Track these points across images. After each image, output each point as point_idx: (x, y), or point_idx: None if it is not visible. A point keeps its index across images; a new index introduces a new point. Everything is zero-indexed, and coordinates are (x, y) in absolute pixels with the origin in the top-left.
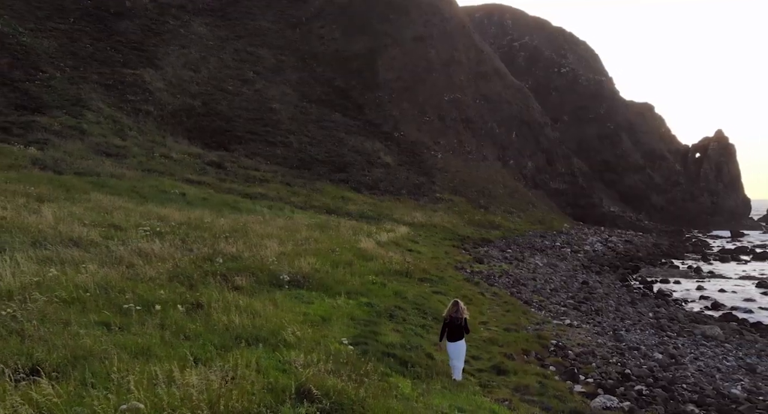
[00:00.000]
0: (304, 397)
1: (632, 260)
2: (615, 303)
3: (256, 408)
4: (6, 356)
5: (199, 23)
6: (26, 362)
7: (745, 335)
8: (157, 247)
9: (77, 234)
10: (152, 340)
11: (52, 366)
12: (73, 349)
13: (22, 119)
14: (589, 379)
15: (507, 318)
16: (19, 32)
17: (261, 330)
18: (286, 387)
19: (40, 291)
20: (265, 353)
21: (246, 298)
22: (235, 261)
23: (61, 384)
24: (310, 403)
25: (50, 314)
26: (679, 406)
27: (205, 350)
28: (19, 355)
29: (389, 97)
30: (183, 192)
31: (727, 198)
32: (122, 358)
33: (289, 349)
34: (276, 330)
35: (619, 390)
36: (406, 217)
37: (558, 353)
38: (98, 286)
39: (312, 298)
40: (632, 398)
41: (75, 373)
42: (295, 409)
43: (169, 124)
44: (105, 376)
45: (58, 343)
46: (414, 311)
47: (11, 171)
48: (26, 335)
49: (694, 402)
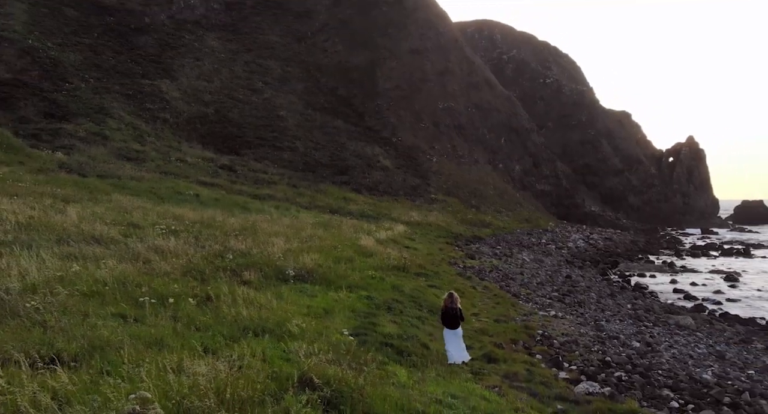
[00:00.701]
0: (306, 386)
1: (611, 256)
2: (596, 295)
3: (260, 396)
4: (29, 346)
5: (212, 38)
6: (47, 351)
7: (715, 325)
8: (172, 244)
9: (99, 232)
10: (165, 331)
11: (70, 355)
12: (91, 340)
13: (51, 126)
14: (573, 366)
15: (497, 310)
16: (48, 47)
17: (267, 322)
18: (290, 375)
19: (62, 285)
20: (270, 344)
21: (254, 291)
22: (244, 257)
23: (78, 372)
24: (311, 391)
25: (71, 307)
26: (656, 390)
27: (214, 341)
28: (41, 345)
29: (388, 105)
30: (197, 193)
31: (697, 199)
32: (137, 348)
33: (293, 340)
34: (281, 322)
35: (600, 376)
36: (403, 217)
37: (544, 342)
38: (116, 280)
39: (315, 292)
40: (612, 384)
41: (92, 362)
42: (297, 397)
43: (184, 130)
44: (120, 365)
45: (77, 333)
46: (411, 304)
47: (40, 174)
48: (48, 326)
49: (669, 387)
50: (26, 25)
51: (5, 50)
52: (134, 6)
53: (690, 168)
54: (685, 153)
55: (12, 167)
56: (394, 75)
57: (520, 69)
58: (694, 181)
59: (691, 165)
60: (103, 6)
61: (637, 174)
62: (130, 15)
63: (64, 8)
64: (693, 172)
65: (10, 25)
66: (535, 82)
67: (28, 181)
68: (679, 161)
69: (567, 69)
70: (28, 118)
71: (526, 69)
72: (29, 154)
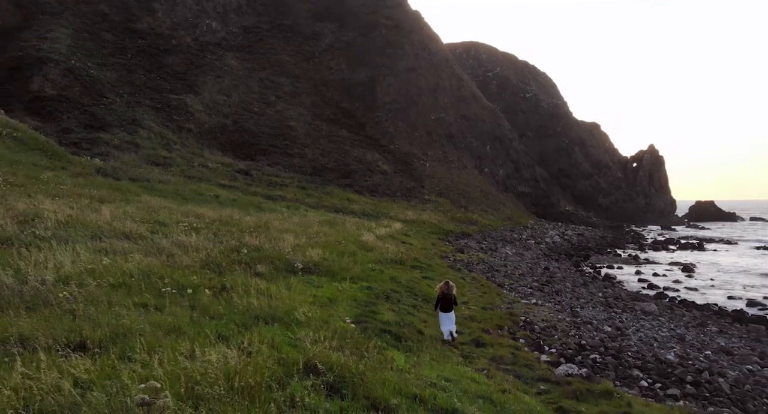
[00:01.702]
0: (310, 372)
1: (584, 250)
2: (571, 285)
3: (268, 381)
4: (59, 333)
5: (231, 57)
6: (74, 338)
7: (675, 310)
8: (193, 240)
9: (128, 229)
10: (182, 320)
11: (95, 342)
12: (115, 327)
13: (90, 136)
14: (553, 349)
15: (484, 298)
16: (88, 66)
17: (276, 310)
18: (296, 361)
19: (92, 277)
20: (279, 331)
21: (265, 282)
22: (257, 251)
23: (102, 358)
24: (315, 377)
25: (99, 297)
26: (627, 371)
27: (227, 328)
28: (70, 332)
29: (386, 116)
30: (216, 194)
31: (657, 199)
32: (156, 335)
33: (300, 328)
34: (289, 310)
35: (577, 359)
36: (400, 215)
37: (526, 327)
38: (142, 272)
39: (321, 283)
40: (588, 365)
41: (114, 349)
42: (302, 382)
43: (206, 139)
44: (140, 352)
45: (102, 321)
46: (407, 293)
47: (80, 178)
48: (76, 315)
49: (638, 367)
50: (70, 48)
51: (51, 70)
52: (163, 30)
53: (651, 172)
54: (647, 159)
55: (56, 172)
56: (391, 90)
57: (503, 85)
58: (655, 183)
59: (652, 169)
60: (136, 31)
61: (606, 177)
62: (160, 38)
63: (103, 33)
64: (654, 176)
65: (56, 48)
66: (516, 96)
67: (69, 184)
68: (642, 166)
69: (544, 85)
70: (71, 129)
71: (508, 85)
72: (70, 160)
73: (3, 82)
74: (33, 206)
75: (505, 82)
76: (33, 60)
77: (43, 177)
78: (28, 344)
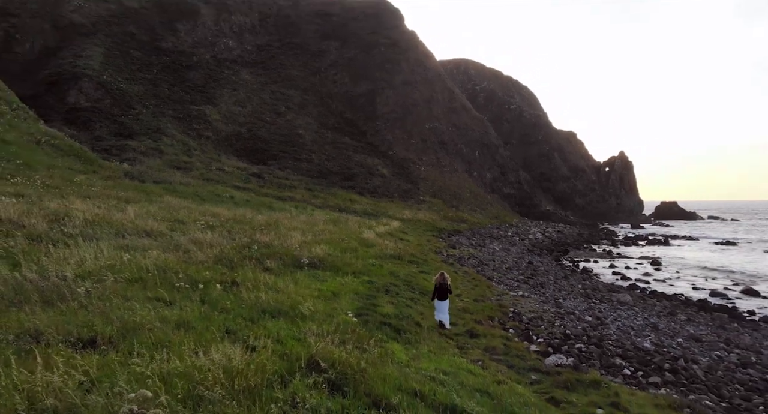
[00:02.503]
0: (313, 369)
1: (563, 245)
2: (553, 278)
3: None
4: (72, 328)
5: (246, 72)
6: (87, 333)
7: (647, 300)
8: (208, 237)
9: (150, 227)
10: (193, 315)
11: (105, 338)
12: (126, 322)
13: (119, 143)
14: (540, 339)
15: (475, 291)
16: (118, 81)
17: (282, 304)
18: (299, 356)
19: (112, 272)
20: (284, 325)
21: (273, 277)
22: (267, 247)
23: (109, 355)
24: (318, 374)
25: (115, 291)
26: (610, 359)
27: (235, 322)
28: (83, 327)
29: (385, 125)
30: (232, 195)
31: (627, 200)
32: (165, 331)
33: (304, 322)
34: (294, 304)
35: (563, 348)
36: (398, 214)
37: (515, 318)
38: (158, 267)
39: (326, 277)
40: (575, 354)
41: (123, 344)
42: (304, 380)
43: (222, 145)
44: (149, 346)
45: (114, 316)
46: (405, 287)
47: (109, 181)
48: (90, 310)
49: (620, 356)
50: (102, 65)
51: (85, 84)
52: (185, 48)
53: (621, 175)
54: (617, 164)
55: (87, 175)
56: (390, 101)
57: (490, 98)
58: (625, 186)
59: (623, 173)
60: (161, 49)
61: (582, 180)
62: (182, 55)
63: (132, 51)
64: (624, 179)
65: (90, 65)
66: (501, 108)
67: (99, 186)
68: (613, 170)
69: (527, 98)
70: (102, 137)
71: (494, 98)
72: (101, 165)
73: (43, 96)
74: (64, 206)
75: (492, 95)
76: (69, 75)
77: (77, 180)
78: (42, 338)
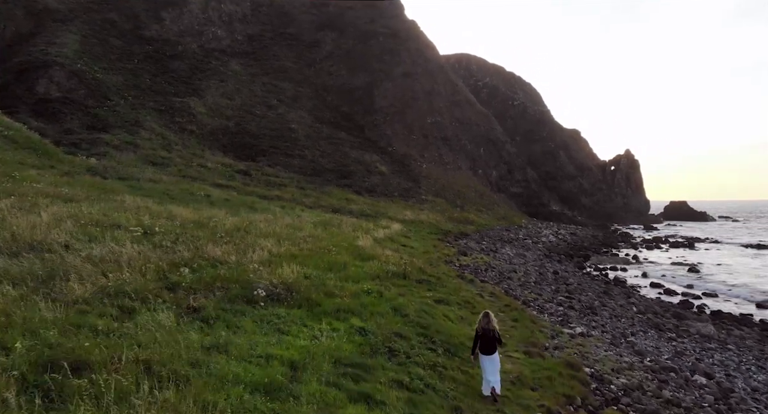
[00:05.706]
0: None
1: (581, 250)
2: (593, 295)
3: None
4: None
5: (236, 63)
6: None
7: (730, 331)
8: (130, 250)
9: (47, 238)
10: None
11: None
12: None
13: (90, 137)
14: None
15: (519, 331)
16: (94, 70)
17: None
18: None
19: None
20: None
21: (196, 332)
22: (213, 267)
23: None
24: None
25: None
26: None
27: None
28: None
29: (384, 119)
30: (208, 194)
31: (634, 199)
32: None
33: None
34: None
35: None
36: (398, 215)
37: (603, 393)
38: None
39: (289, 323)
40: None
41: None
42: None
43: (207, 140)
44: None
45: None
46: (419, 339)
47: (65, 177)
48: None
49: None
50: (77, 53)
51: (56, 73)
52: (170, 37)
53: (628, 175)
54: (623, 162)
55: (41, 170)
56: (389, 94)
57: (493, 93)
58: (631, 185)
59: (629, 172)
60: (144, 37)
61: (588, 179)
62: (167, 44)
63: (111, 39)
64: (630, 178)
65: (63, 52)
66: (505, 103)
67: (45, 183)
68: (619, 169)
69: (530, 94)
70: (72, 130)
71: (497, 93)
72: (61, 159)
73: (10, 85)
74: None
75: (495, 90)
76: (40, 63)
77: (21, 175)
78: None
